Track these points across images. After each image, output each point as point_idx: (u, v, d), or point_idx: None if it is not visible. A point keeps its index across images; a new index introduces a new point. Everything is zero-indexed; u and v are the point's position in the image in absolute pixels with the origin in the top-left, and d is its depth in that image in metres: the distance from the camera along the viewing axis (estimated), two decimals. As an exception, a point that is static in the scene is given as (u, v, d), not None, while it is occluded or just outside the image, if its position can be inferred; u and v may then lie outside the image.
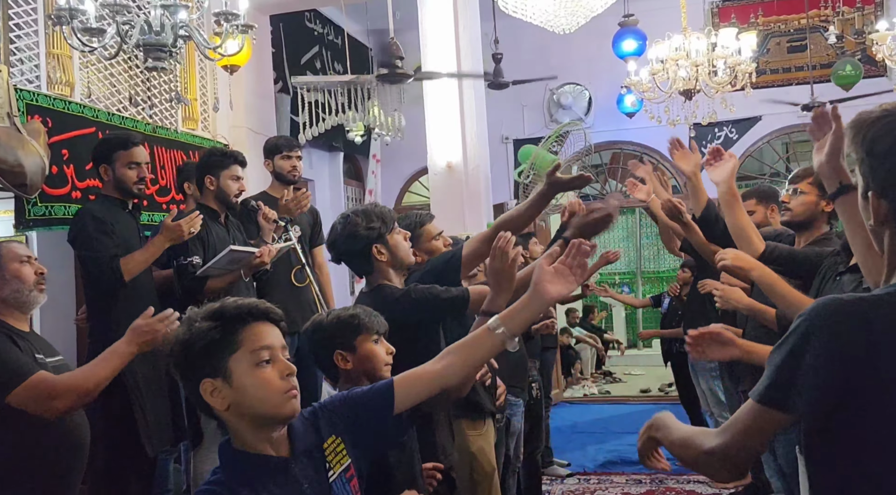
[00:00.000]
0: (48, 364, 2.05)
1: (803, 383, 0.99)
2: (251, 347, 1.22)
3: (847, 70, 5.85)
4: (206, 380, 1.21)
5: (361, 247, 2.12)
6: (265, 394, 1.21)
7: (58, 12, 2.47)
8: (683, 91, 4.51)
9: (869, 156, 1.05)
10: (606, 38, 6.09)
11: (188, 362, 1.23)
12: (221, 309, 1.24)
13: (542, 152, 5.46)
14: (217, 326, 1.22)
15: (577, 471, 4.82)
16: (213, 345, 1.21)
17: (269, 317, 1.26)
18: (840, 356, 0.97)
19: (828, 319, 1.00)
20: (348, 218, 2.16)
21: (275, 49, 5.49)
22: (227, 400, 1.21)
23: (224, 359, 1.21)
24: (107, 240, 2.73)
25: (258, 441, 1.23)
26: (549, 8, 2.85)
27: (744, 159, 7.15)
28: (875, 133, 1.05)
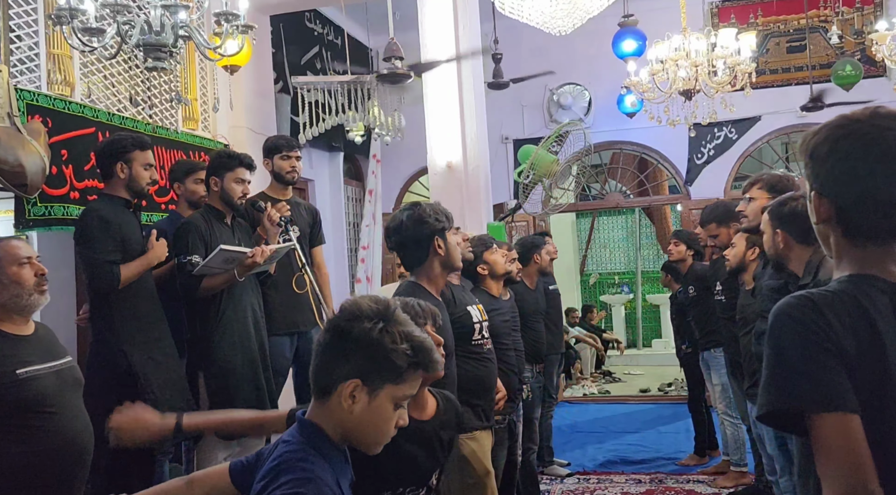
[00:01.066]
0: (43, 371, 2.00)
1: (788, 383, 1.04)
2: (406, 391, 1.29)
3: (847, 70, 5.85)
4: (357, 381, 1.25)
5: (426, 234, 2.20)
6: (382, 431, 1.29)
7: (58, 12, 2.47)
8: (683, 91, 4.51)
9: (811, 159, 1.16)
10: (606, 39, 6.09)
11: (357, 355, 1.26)
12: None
13: (541, 152, 5.46)
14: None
15: (576, 471, 4.83)
16: (394, 368, 1.26)
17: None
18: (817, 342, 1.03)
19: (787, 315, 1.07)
20: (418, 205, 2.25)
21: (275, 49, 5.49)
22: (355, 407, 1.25)
23: (385, 382, 1.26)
24: (109, 243, 2.74)
25: (339, 441, 1.30)
26: (545, 9, 2.85)
27: (743, 159, 7.15)
28: (815, 141, 1.15)
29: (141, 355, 2.77)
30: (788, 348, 1.04)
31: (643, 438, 5.62)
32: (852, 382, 1.01)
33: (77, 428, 2.07)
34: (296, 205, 3.63)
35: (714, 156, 7.11)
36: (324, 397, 1.28)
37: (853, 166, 1.09)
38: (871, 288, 1.07)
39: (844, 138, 1.11)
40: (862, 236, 1.11)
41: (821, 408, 1.00)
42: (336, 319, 1.30)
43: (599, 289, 11.06)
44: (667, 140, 6.97)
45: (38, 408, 1.98)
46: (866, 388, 1.01)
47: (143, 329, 2.83)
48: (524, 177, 5.51)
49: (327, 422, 1.28)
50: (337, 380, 1.25)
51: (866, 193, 1.09)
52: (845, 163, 1.10)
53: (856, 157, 1.09)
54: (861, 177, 1.09)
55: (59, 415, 2.02)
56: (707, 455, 4.88)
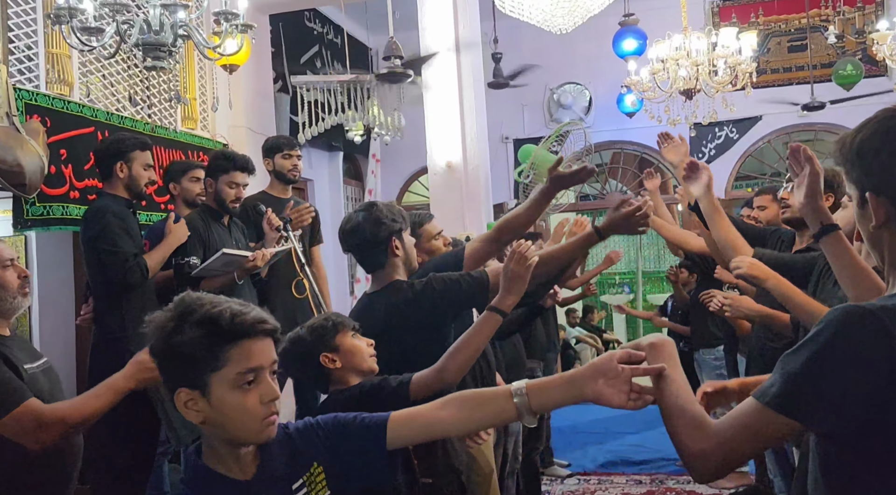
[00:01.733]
0: (37, 371, 1.98)
1: (826, 394, 0.96)
2: (237, 368, 1.13)
3: (848, 70, 5.85)
4: (183, 390, 1.14)
5: (383, 237, 2.12)
6: (242, 419, 1.14)
7: (57, 11, 2.46)
8: (684, 90, 4.50)
9: (860, 158, 1.05)
10: (606, 38, 6.09)
11: (167, 364, 1.16)
12: (217, 320, 1.13)
13: (541, 151, 5.44)
14: (206, 339, 1.12)
15: (577, 472, 4.82)
16: (197, 358, 1.13)
17: (266, 332, 1.18)
18: (865, 366, 0.94)
19: (851, 328, 0.96)
20: (374, 206, 2.17)
21: (274, 48, 5.48)
22: (201, 415, 1.15)
23: (206, 374, 1.13)
24: (128, 238, 2.75)
25: (227, 457, 1.18)
26: (546, 7, 2.84)
27: (744, 159, 7.14)
28: (862, 137, 1.05)
29: None
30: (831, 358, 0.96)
31: (644, 439, 5.61)
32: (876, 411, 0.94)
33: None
34: (296, 204, 3.62)
35: (715, 155, 7.11)
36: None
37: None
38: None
39: (895, 129, 1.02)
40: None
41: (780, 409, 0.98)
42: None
43: (600, 289, 11.05)
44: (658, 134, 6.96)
45: None
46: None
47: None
48: (524, 177, 5.50)
49: (206, 443, 1.19)
50: (177, 400, 1.15)
51: None
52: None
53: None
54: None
55: None
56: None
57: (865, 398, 0.94)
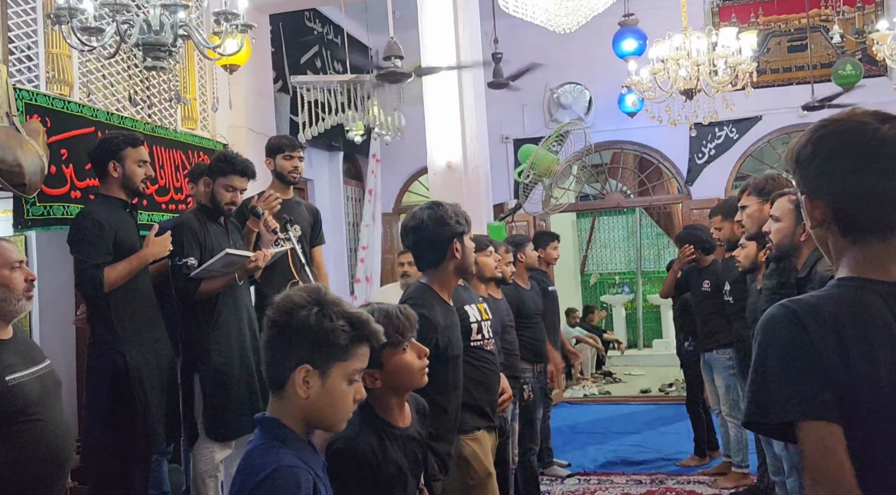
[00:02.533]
0: (25, 378, 1.97)
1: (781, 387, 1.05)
2: (356, 365, 1.33)
3: (847, 70, 5.85)
4: (306, 367, 1.29)
5: (446, 236, 2.14)
6: (341, 408, 1.33)
7: (57, 11, 2.46)
8: (684, 90, 4.50)
9: (797, 165, 1.16)
10: (606, 38, 6.08)
11: (300, 342, 1.29)
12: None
13: (542, 152, 5.45)
14: (351, 334, 1.31)
15: (577, 472, 4.82)
16: (337, 345, 1.30)
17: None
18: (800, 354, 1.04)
19: (772, 326, 1.08)
20: (441, 206, 2.18)
21: (274, 48, 5.48)
22: (311, 392, 1.30)
23: (332, 361, 1.30)
24: (100, 246, 2.71)
25: (302, 430, 1.34)
26: (549, 7, 2.84)
27: (744, 159, 7.14)
28: (799, 147, 1.16)
29: (138, 356, 2.76)
30: (770, 360, 1.07)
31: (644, 439, 5.61)
32: (840, 392, 1.02)
33: (59, 434, 2.02)
34: (296, 204, 3.61)
35: (715, 155, 7.10)
36: (279, 390, 1.34)
37: (839, 163, 1.10)
38: (865, 291, 1.07)
39: (825, 137, 1.12)
40: (860, 232, 1.10)
41: (799, 416, 1.03)
42: (273, 315, 1.33)
43: (600, 289, 11.05)
44: (667, 139, 6.96)
45: (23, 416, 1.93)
46: (856, 396, 1.02)
47: (141, 330, 2.82)
48: (524, 177, 5.50)
49: (287, 414, 1.33)
50: (288, 371, 1.30)
51: (856, 188, 1.09)
52: (830, 161, 1.10)
53: (840, 154, 1.10)
54: (847, 172, 1.09)
55: (42, 422, 1.98)
56: (708, 456, 4.87)
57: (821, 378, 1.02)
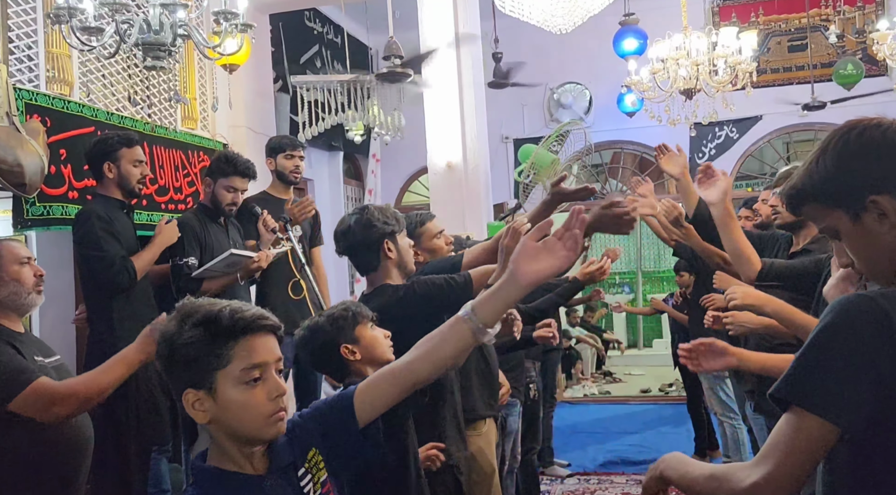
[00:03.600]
0: (47, 365, 2.04)
1: (833, 382, 0.96)
2: (242, 365, 1.14)
3: (848, 69, 5.85)
4: (189, 391, 1.15)
5: (375, 239, 2.13)
6: (250, 416, 1.14)
7: (56, 11, 2.46)
8: (684, 90, 4.50)
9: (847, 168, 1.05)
10: (607, 38, 6.08)
11: (173, 367, 1.16)
12: (217, 318, 1.14)
13: (542, 151, 5.45)
14: (207, 338, 1.13)
15: (577, 471, 4.82)
16: (200, 357, 1.13)
17: (267, 328, 1.18)
18: (868, 352, 0.95)
19: (852, 315, 0.97)
20: (366, 209, 2.17)
21: (274, 48, 5.48)
22: (209, 414, 1.15)
23: (211, 373, 1.14)
24: (113, 241, 2.73)
25: (237, 455, 1.18)
26: (546, 7, 2.84)
27: (744, 159, 7.14)
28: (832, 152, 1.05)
29: None
30: (833, 348, 0.97)
31: (644, 439, 5.61)
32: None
33: (78, 420, 2.08)
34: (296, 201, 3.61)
35: (715, 155, 7.11)
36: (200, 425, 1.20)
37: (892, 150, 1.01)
38: None
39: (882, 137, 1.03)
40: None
41: (828, 417, 0.96)
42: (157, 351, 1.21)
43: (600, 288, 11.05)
44: (667, 139, 6.89)
45: None
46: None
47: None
48: (524, 177, 5.50)
49: (214, 445, 1.19)
50: (185, 402, 1.16)
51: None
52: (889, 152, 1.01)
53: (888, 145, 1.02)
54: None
55: None
56: (708, 455, 4.87)
57: (871, 384, 0.95)
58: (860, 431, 0.97)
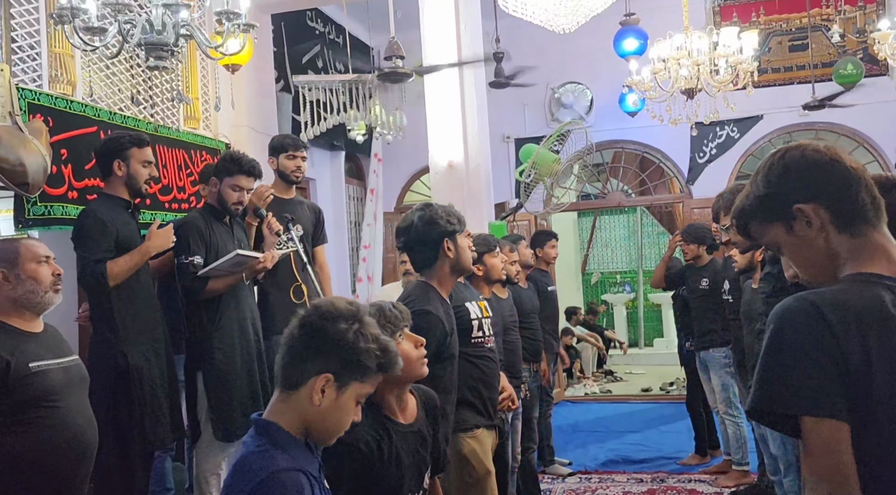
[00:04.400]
0: (53, 367, 2.04)
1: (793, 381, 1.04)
2: (367, 390, 1.38)
3: (849, 69, 5.85)
4: (328, 376, 1.31)
5: (436, 236, 2.17)
6: (342, 424, 1.36)
7: (59, 11, 2.47)
8: (685, 90, 4.51)
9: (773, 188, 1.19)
10: (608, 37, 6.08)
11: (331, 352, 1.32)
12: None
13: (543, 151, 5.46)
14: (377, 359, 1.35)
15: (578, 470, 4.82)
16: (362, 368, 1.34)
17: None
18: (819, 348, 1.04)
19: (790, 318, 1.08)
20: (430, 207, 2.21)
21: (276, 48, 5.48)
22: (324, 402, 1.32)
23: (352, 380, 1.34)
24: (102, 242, 2.73)
25: (299, 434, 1.35)
26: (549, 7, 2.86)
27: (745, 158, 7.14)
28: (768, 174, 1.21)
29: (138, 355, 2.78)
30: (785, 351, 1.05)
31: (645, 438, 5.62)
32: (856, 388, 1.01)
33: (81, 423, 2.09)
34: (299, 204, 3.62)
35: (716, 154, 7.11)
36: (291, 389, 1.33)
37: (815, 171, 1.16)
38: (875, 285, 1.07)
39: (789, 156, 1.19)
40: (858, 221, 1.14)
41: (810, 412, 1.02)
42: (311, 316, 1.35)
43: (601, 288, 11.06)
44: (668, 139, 6.97)
45: (44, 402, 2.00)
46: (872, 392, 1.01)
47: (142, 330, 2.83)
48: (525, 176, 5.51)
49: (287, 416, 1.33)
50: (308, 375, 1.31)
51: (833, 185, 1.15)
52: (808, 170, 1.16)
53: (810, 165, 1.17)
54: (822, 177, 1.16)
55: (63, 410, 2.04)
56: (709, 454, 4.87)
57: (833, 368, 1.02)
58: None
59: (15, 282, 2.04)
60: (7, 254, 2.07)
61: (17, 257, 2.06)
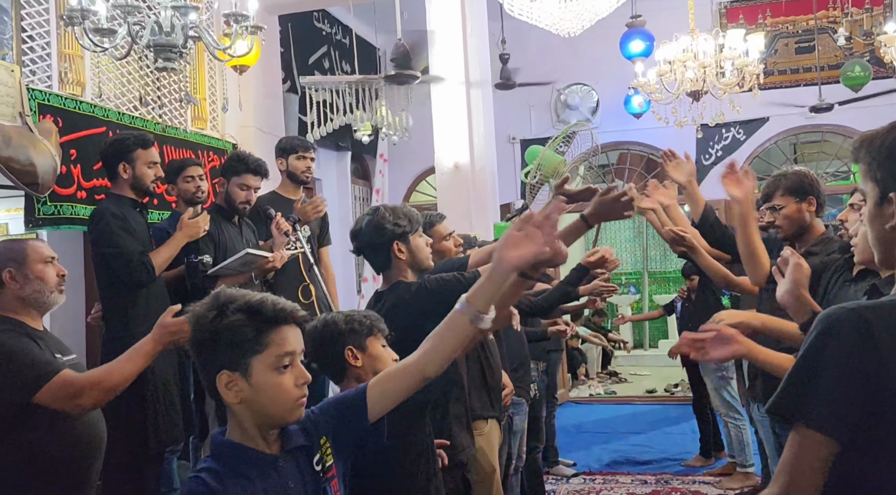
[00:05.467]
0: (65, 363, 2.08)
1: (821, 391, 1.01)
2: (276, 351, 1.25)
3: (856, 71, 5.84)
4: (224, 372, 1.24)
5: (384, 241, 2.16)
6: (279, 399, 1.25)
7: (70, 13, 2.49)
8: (691, 92, 4.51)
9: (889, 159, 1.08)
10: (614, 39, 6.08)
11: (210, 350, 1.25)
12: (260, 307, 1.25)
13: (549, 153, 5.47)
14: (250, 324, 1.23)
15: (582, 471, 4.83)
16: (241, 341, 1.23)
17: (299, 320, 1.29)
18: (854, 367, 0.99)
19: (836, 326, 1.02)
20: (377, 211, 2.20)
21: (283, 49, 5.51)
22: (240, 396, 1.24)
23: (247, 357, 1.24)
24: (130, 237, 2.77)
25: (256, 435, 1.27)
26: (554, 11, 2.87)
27: (751, 160, 7.13)
28: (890, 139, 1.09)
29: None
30: (820, 360, 1.02)
31: (649, 439, 5.62)
32: (892, 410, 0.98)
33: (95, 417, 2.11)
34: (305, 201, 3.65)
35: (722, 156, 7.10)
36: (223, 403, 1.29)
37: None
38: None
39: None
40: None
41: (816, 427, 1.01)
42: (190, 333, 1.30)
43: (606, 289, 11.05)
44: (674, 141, 6.93)
45: None
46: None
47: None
48: (531, 178, 5.52)
49: (237, 424, 1.28)
50: (213, 381, 1.26)
51: None
52: None
53: None
54: None
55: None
56: (713, 456, 4.88)
57: (860, 392, 0.99)
58: (849, 434, 1.01)
59: (23, 282, 2.07)
60: (15, 254, 2.09)
61: (25, 258, 2.09)
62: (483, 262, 2.25)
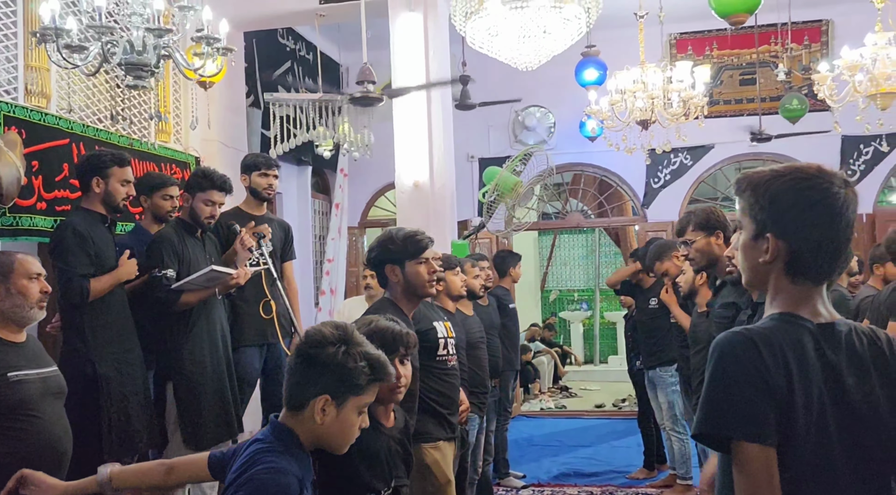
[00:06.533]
0: (35, 378, 2.09)
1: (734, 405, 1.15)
2: (367, 400, 1.53)
3: (794, 104, 6.18)
4: (325, 397, 1.47)
5: (381, 260, 2.30)
6: (349, 435, 1.53)
7: (43, 31, 2.53)
8: (640, 120, 4.74)
9: (772, 204, 1.23)
10: (570, 66, 6.31)
11: (323, 374, 1.47)
12: (380, 364, 1.52)
13: (506, 174, 5.65)
14: (369, 376, 1.50)
15: (531, 483, 4.97)
16: (354, 385, 1.48)
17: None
18: (757, 377, 1.14)
19: (732, 349, 1.18)
20: (394, 230, 2.35)
21: (247, 63, 5.57)
22: (326, 419, 1.47)
23: (349, 394, 1.49)
24: (82, 257, 2.79)
25: (308, 445, 1.51)
26: (513, 46, 3.06)
27: (697, 184, 7.46)
28: (778, 187, 1.24)
29: (109, 366, 2.83)
30: (724, 380, 1.16)
31: (596, 452, 5.80)
32: (782, 415, 1.14)
33: (58, 433, 2.14)
34: (269, 220, 3.72)
35: (670, 180, 7.40)
36: (296, 410, 1.49)
37: (817, 215, 1.20)
38: (800, 328, 1.21)
39: (809, 189, 1.21)
40: (804, 276, 1.22)
41: (744, 437, 1.13)
42: (303, 346, 1.51)
43: (559, 305, 11.30)
44: (626, 164, 7.23)
45: (21, 412, 2.06)
46: (794, 420, 1.14)
47: (113, 340, 2.89)
48: (488, 197, 5.68)
49: (299, 429, 1.49)
50: (308, 397, 1.47)
51: (822, 240, 1.20)
52: (810, 212, 1.20)
53: (820, 207, 1.20)
54: (820, 225, 1.20)
55: (40, 419, 2.10)
56: (656, 469, 5.07)
57: (769, 398, 1.14)
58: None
59: (3, 295, 2.09)
60: (1, 268, 2.12)
61: (11, 272, 2.11)
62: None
